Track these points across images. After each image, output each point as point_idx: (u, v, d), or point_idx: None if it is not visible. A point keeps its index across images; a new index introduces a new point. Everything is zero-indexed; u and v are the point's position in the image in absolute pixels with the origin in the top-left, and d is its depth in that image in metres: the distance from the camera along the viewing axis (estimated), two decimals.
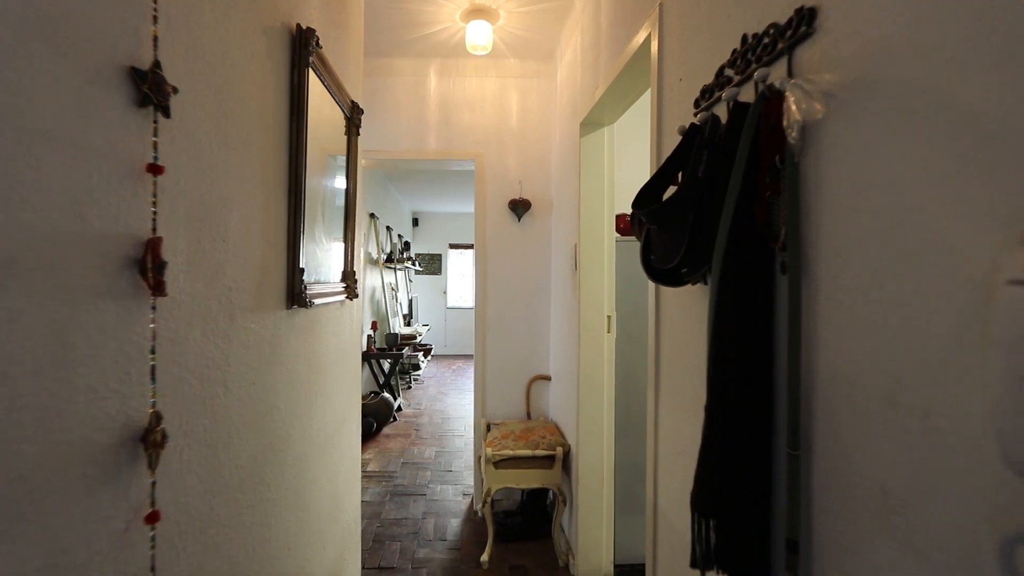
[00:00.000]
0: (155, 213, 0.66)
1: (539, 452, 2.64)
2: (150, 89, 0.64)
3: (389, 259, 6.33)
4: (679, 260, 1.02)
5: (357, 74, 1.98)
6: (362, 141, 3.30)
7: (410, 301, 7.86)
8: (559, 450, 2.65)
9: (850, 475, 0.74)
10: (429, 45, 3.02)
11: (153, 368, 0.66)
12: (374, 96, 3.17)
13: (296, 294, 1.22)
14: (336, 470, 1.71)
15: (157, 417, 0.66)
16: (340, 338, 1.75)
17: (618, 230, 2.54)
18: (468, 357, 9.35)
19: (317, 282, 1.44)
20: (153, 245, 0.65)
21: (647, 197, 1.17)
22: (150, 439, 0.63)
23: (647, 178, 1.39)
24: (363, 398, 4.99)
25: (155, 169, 0.66)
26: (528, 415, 3.21)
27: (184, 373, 0.76)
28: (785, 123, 0.81)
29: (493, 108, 3.22)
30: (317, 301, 1.39)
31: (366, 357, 5.23)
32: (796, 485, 0.82)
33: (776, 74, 0.90)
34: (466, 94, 3.22)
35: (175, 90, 0.69)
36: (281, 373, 1.19)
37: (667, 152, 1.41)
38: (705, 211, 0.98)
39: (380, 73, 3.17)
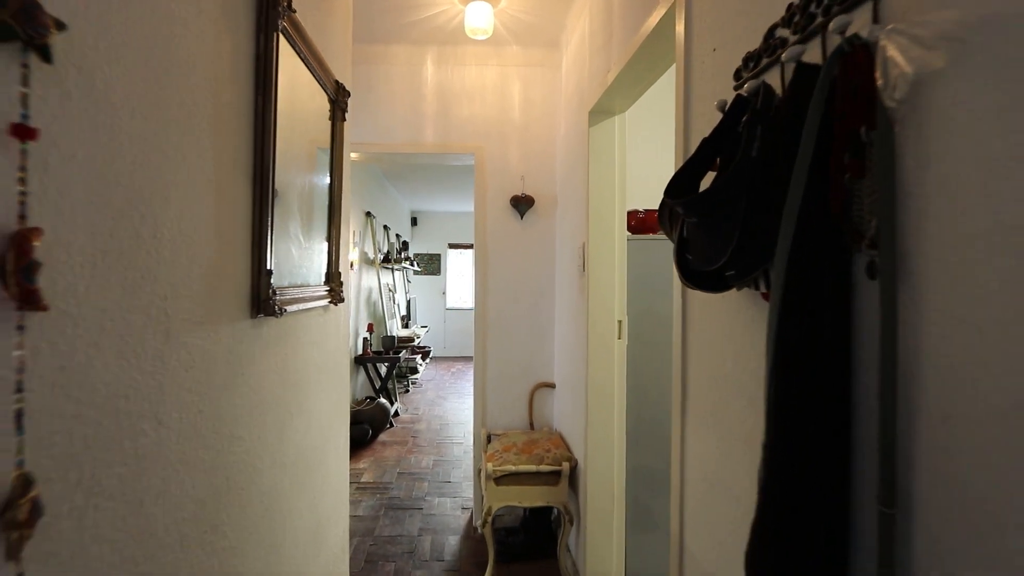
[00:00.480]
0: (24, 194, 0.47)
1: (544, 467, 2.45)
2: (14, 18, 0.45)
3: (386, 259, 6.14)
4: (726, 260, 0.83)
5: (344, 52, 1.79)
6: (355, 133, 3.12)
7: (408, 302, 7.67)
8: (565, 465, 2.46)
9: (975, 547, 0.55)
10: (426, 30, 2.83)
11: (19, 413, 0.47)
12: (367, 85, 2.98)
13: (262, 301, 1.03)
14: (318, 497, 1.52)
15: (24, 482, 0.47)
16: (323, 348, 1.56)
17: (630, 228, 2.35)
18: (468, 359, 9.16)
19: (293, 286, 1.25)
20: (19, 240, 0.46)
21: (681, 186, 0.98)
22: (8, 517, 0.44)
23: (663, 171, 1.20)
24: (358, 404, 4.80)
25: (23, 132, 0.47)
26: (531, 425, 3.02)
27: (86, 411, 0.57)
28: (880, 82, 0.63)
29: (494, 99, 3.03)
30: (292, 308, 1.20)
31: (362, 361, 5.05)
32: (890, 555, 0.63)
33: (857, 23, 0.71)
34: (465, 84, 3.03)
35: (60, 26, 0.50)
36: (243, 395, 0.99)
37: (697, 136, 1.22)
38: (760, 199, 0.79)
39: (373, 60, 2.98)
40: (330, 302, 1.57)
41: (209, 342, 0.85)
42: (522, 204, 2.99)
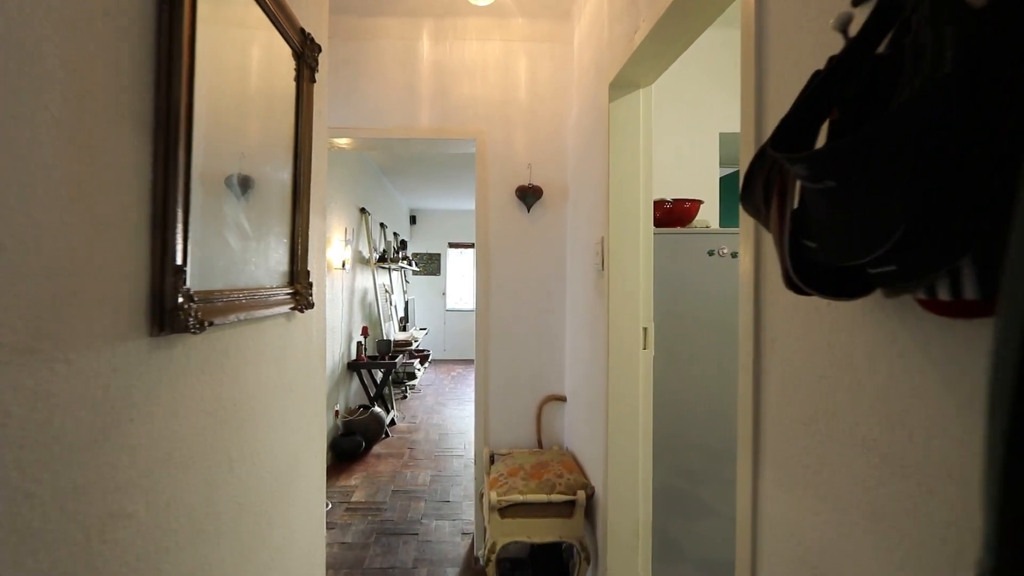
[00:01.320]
0: None
1: (556, 497, 2.13)
2: None
3: (382, 258, 5.82)
4: (887, 249, 0.50)
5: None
6: (342, 117, 2.80)
7: (406, 304, 7.35)
8: (580, 495, 2.13)
9: None
10: (422, 0, 2.51)
11: None
12: (356, 63, 2.66)
13: (168, 311, 0.71)
14: (276, 557, 1.20)
15: None
16: (284, 366, 1.24)
17: (657, 220, 2.03)
18: (468, 362, 8.85)
19: (233, 289, 0.93)
20: None
21: (788, 141, 0.65)
22: None
23: (691, 155, 0.88)
24: (351, 413, 4.48)
25: None
26: (539, 442, 2.70)
27: None
28: None
29: (497, 77, 2.71)
30: (227, 319, 0.87)
31: (355, 367, 4.73)
32: None
33: None
34: (465, 60, 2.71)
35: None
36: (134, 451, 0.67)
37: (779, 88, 0.90)
38: (957, 150, 0.46)
39: (363, 35, 2.66)
40: (294, 308, 1.24)
41: (54, 379, 0.53)
42: (529, 195, 2.67)
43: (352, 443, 4.14)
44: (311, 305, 1.32)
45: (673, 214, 2.10)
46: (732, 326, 2.03)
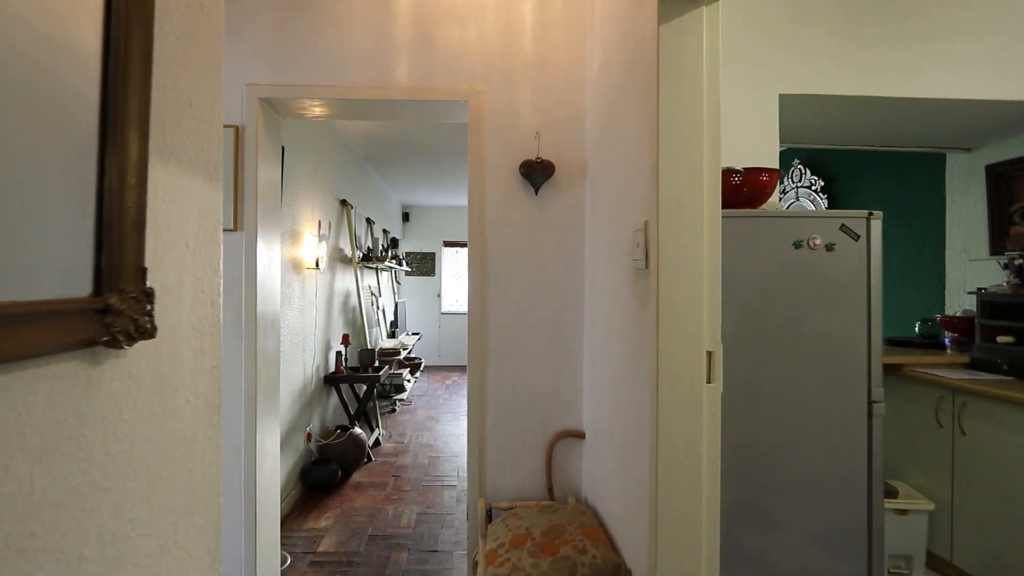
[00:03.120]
0: None
1: None
2: None
3: (367, 257, 5.22)
4: None
5: None
6: (293, 72, 2.19)
7: (396, 306, 6.75)
8: None
9: None
10: None
11: None
12: (314, 1, 2.06)
13: None
14: None
15: None
16: (90, 453, 0.63)
17: (728, 200, 1.44)
18: (464, 369, 8.24)
19: None
20: None
21: None
22: None
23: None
24: (327, 436, 3.88)
25: None
26: (550, 491, 2.10)
27: None
28: None
29: (497, 22, 2.12)
30: None
31: (333, 381, 4.12)
32: None
33: None
34: (456, 1, 2.11)
35: None
36: None
37: None
38: None
39: None
40: (109, 341, 0.63)
41: None
42: (537, 173, 2.07)
43: (326, 472, 3.54)
44: (150, 333, 0.71)
45: (742, 192, 1.51)
46: (840, 349, 1.48)
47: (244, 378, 2.11)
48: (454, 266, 8.97)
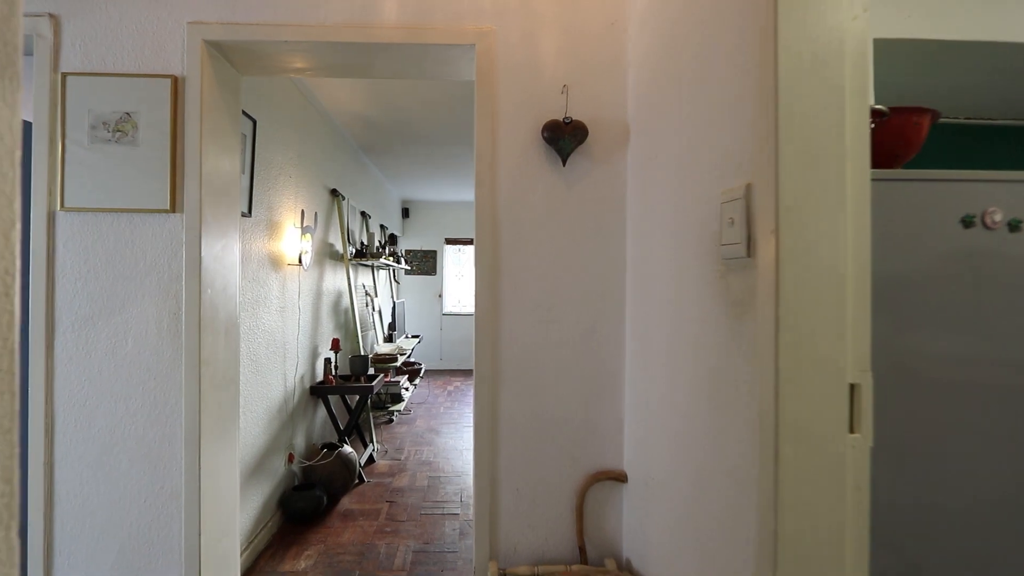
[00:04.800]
0: None
1: None
2: None
3: (361, 253, 4.74)
4: None
5: None
6: (255, 8, 1.66)
7: (394, 307, 6.27)
8: None
9: None
10: None
11: None
12: None
13: None
14: None
15: None
16: None
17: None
18: (467, 373, 7.78)
19: None
20: None
21: None
22: None
23: None
24: (312, 455, 3.41)
25: None
26: (581, 551, 1.62)
27: None
28: None
29: None
30: None
31: (320, 392, 3.65)
32: None
33: None
34: None
35: None
36: None
37: None
38: None
39: None
40: None
41: None
42: (565, 137, 1.59)
43: (308, 501, 3.06)
44: None
45: (881, 143, 1.02)
46: None
47: (184, 399, 1.64)
48: (457, 265, 8.50)
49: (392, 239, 6.80)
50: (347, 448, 3.51)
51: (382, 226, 6.34)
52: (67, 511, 1.67)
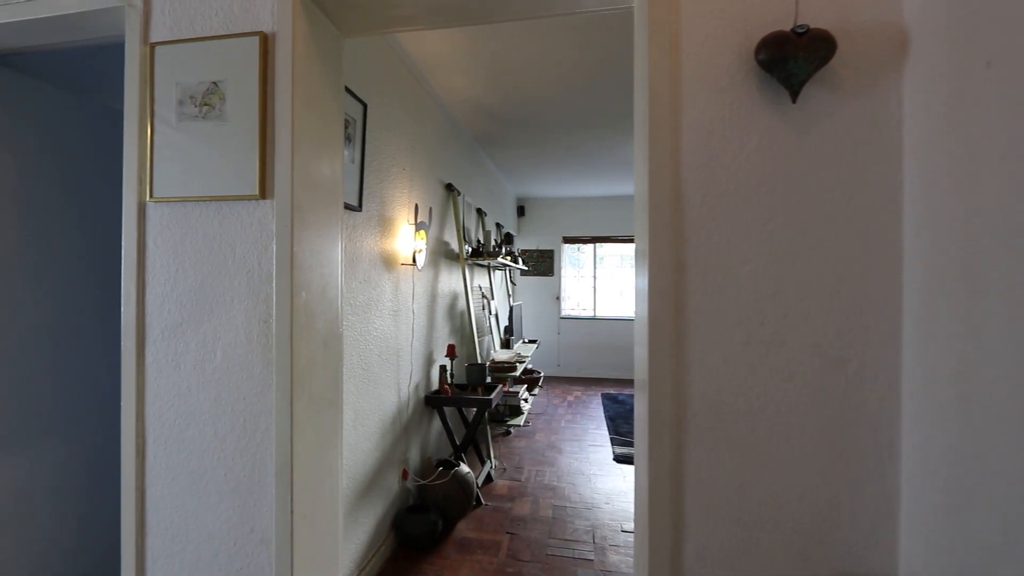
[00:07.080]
0: None
1: None
2: None
3: (477, 253, 4.43)
4: None
5: None
6: None
7: (511, 311, 5.93)
8: None
9: None
10: None
11: None
12: None
13: None
14: None
15: None
16: None
17: None
18: (588, 382, 7.23)
19: None
20: None
21: None
22: None
23: None
24: (427, 474, 3.11)
25: None
26: None
27: None
28: None
29: None
30: None
31: (435, 403, 3.36)
32: None
33: None
34: None
35: None
36: None
37: None
38: None
39: None
40: None
41: None
42: (797, 58, 1.01)
43: (424, 525, 2.75)
44: None
45: None
46: None
47: (275, 425, 1.32)
48: (575, 266, 7.99)
49: (508, 238, 6.49)
50: (464, 467, 3.16)
51: (498, 224, 6.04)
52: (158, 545, 1.44)
